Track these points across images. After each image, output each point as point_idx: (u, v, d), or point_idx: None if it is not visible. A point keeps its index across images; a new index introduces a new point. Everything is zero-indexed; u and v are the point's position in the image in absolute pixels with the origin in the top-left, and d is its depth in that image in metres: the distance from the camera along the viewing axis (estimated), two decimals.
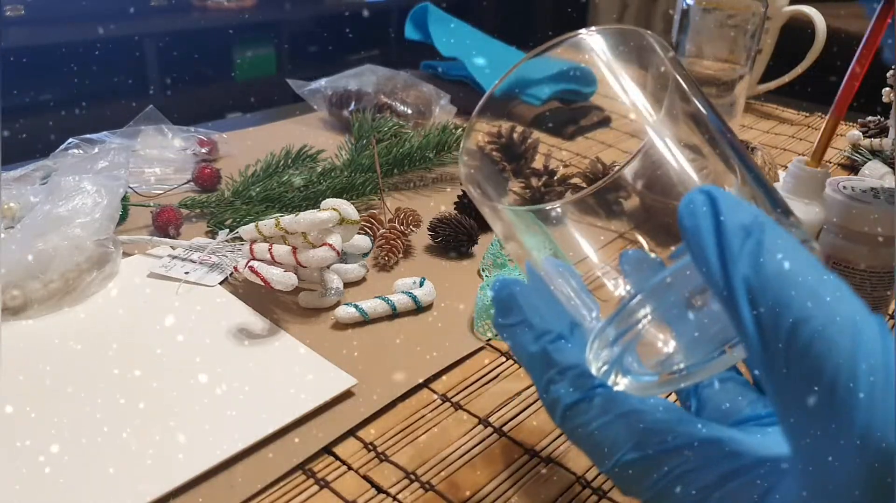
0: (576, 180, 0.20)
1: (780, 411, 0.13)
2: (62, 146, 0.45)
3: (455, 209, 0.42)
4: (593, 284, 0.17)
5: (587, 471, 0.26)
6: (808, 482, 0.13)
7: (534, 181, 0.20)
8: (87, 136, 0.46)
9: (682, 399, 0.20)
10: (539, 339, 0.18)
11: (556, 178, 0.21)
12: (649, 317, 0.16)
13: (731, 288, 0.13)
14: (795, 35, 0.63)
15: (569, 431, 0.17)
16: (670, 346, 0.18)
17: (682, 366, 0.17)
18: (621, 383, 0.17)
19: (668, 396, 0.18)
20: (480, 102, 0.19)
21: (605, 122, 0.62)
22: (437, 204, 0.45)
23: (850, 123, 0.63)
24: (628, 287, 0.17)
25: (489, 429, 0.28)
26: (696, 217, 0.14)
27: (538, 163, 0.20)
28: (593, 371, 0.17)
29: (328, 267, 0.34)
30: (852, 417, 0.12)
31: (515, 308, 0.18)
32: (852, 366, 0.12)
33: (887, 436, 0.11)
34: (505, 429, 0.28)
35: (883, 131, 0.56)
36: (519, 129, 0.21)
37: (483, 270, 0.38)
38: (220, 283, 0.36)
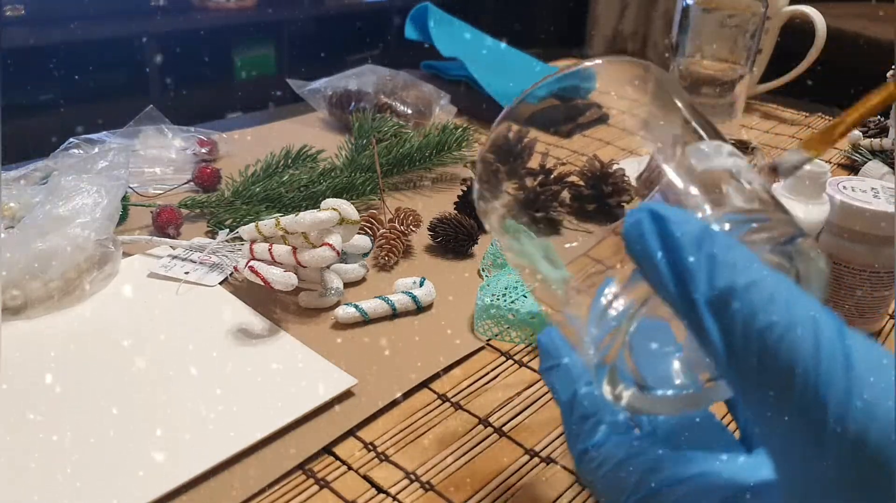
0: (573, 178, 0.20)
1: (759, 421, 0.14)
2: (62, 146, 0.45)
3: (455, 209, 0.42)
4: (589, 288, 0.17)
5: None
6: (793, 489, 0.13)
7: (529, 181, 0.20)
8: (88, 136, 0.46)
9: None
10: (567, 388, 0.19)
11: (552, 176, 0.21)
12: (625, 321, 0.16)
13: (693, 306, 0.13)
14: (795, 35, 0.63)
15: (583, 477, 0.18)
16: (674, 365, 0.18)
17: (684, 382, 0.18)
18: (625, 397, 0.17)
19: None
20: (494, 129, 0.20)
21: (602, 118, 0.62)
22: (437, 204, 0.45)
23: None
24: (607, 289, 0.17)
25: (489, 429, 0.28)
26: (644, 239, 0.14)
27: (534, 162, 0.20)
28: (597, 386, 0.17)
29: (328, 267, 0.34)
30: (825, 414, 0.12)
31: (553, 353, 0.19)
32: (817, 365, 0.12)
33: (862, 425, 0.12)
34: (505, 429, 0.28)
35: (883, 131, 0.56)
36: (515, 128, 0.21)
37: (483, 270, 0.38)
38: (220, 283, 0.36)
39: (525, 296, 0.34)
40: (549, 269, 0.18)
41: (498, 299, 0.33)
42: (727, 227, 0.15)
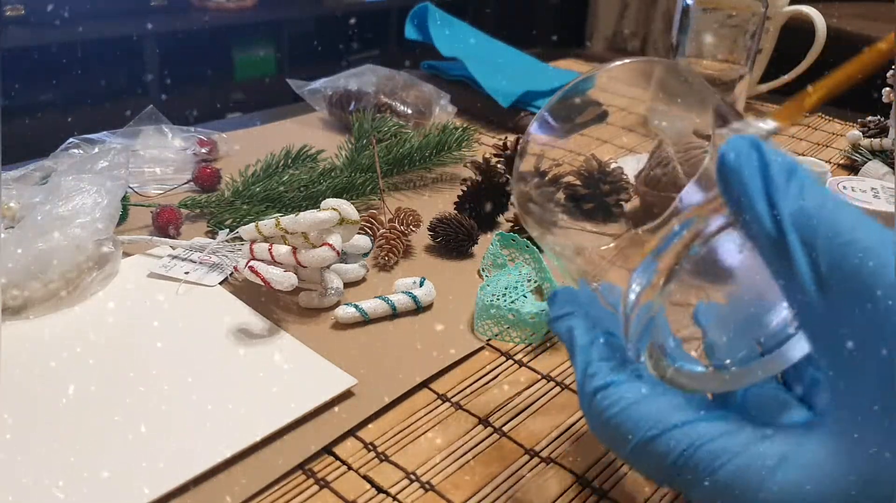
0: (569, 178, 0.20)
1: (828, 339, 0.14)
2: (62, 146, 0.45)
3: (455, 209, 0.42)
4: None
5: (587, 471, 0.26)
6: (848, 423, 0.14)
7: (521, 185, 0.20)
8: (87, 135, 0.46)
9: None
10: (589, 330, 0.19)
11: (546, 178, 0.21)
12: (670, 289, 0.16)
13: (780, 224, 0.14)
14: (795, 35, 0.63)
15: (597, 414, 0.18)
16: (716, 338, 0.18)
17: (726, 361, 0.18)
18: (669, 371, 0.17)
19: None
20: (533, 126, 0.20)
21: (602, 116, 0.62)
22: (437, 204, 0.45)
23: (850, 123, 0.63)
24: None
25: (489, 429, 0.28)
26: (740, 157, 0.15)
27: (529, 164, 0.20)
28: (631, 353, 0.17)
29: (328, 267, 0.34)
30: None
31: (571, 302, 0.20)
32: None
33: None
34: (505, 429, 0.28)
35: (883, 131, 0.56)
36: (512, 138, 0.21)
37: (483, 270, 0.38)
38: (220, 283, 0.36)
39: (525, 296, 0.34)
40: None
41: (498, 299, 0.33)
42: None
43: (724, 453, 0.15)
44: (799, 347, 0.17)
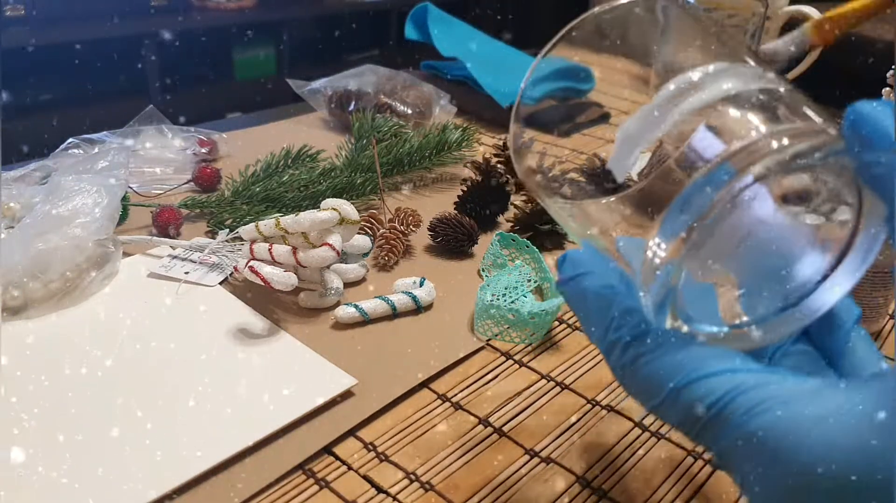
0: (572, 175, 0.20)
1: None
2: (62, 146, 0.45)
3: (455, 209, 0.42)
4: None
5: (587, 471, 0.26)
6: None
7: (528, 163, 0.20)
8: (87, 135, 0.46)
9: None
10: (605, 285, 0.18)
11: (549, 175, 0.21)
12: (693, 242, 0.15)
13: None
14: None
15: (627, 366, 0.17)
16: (737, 297, 0.17)
17: (745, 318, 0.17)
18: (684, 331, 0.17)
19: None
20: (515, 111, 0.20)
21: (603, 117, 0.61)
22: (437, 204, 0.45)
23: None
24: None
25: (489, 429, 0.28)
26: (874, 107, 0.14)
27: (532, 161, 0.20)
28: (649, 316, 0.17)
29: (328, 267, 0.34)
30: None
31: (581, 263, 0.19)
32: None
33: None
34: (505, 429, 0.28)
35: None
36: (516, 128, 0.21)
37: (483, 270, 0.38)
38: (220, 283, 0.36)
39: (525, 296, 0.34)
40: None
41: (498, 299, 0.33)
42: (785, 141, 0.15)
43: (762, 402, 0.14)
44: (827, 297, 0.17)
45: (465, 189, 0.43)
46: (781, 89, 0.17)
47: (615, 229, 0.17)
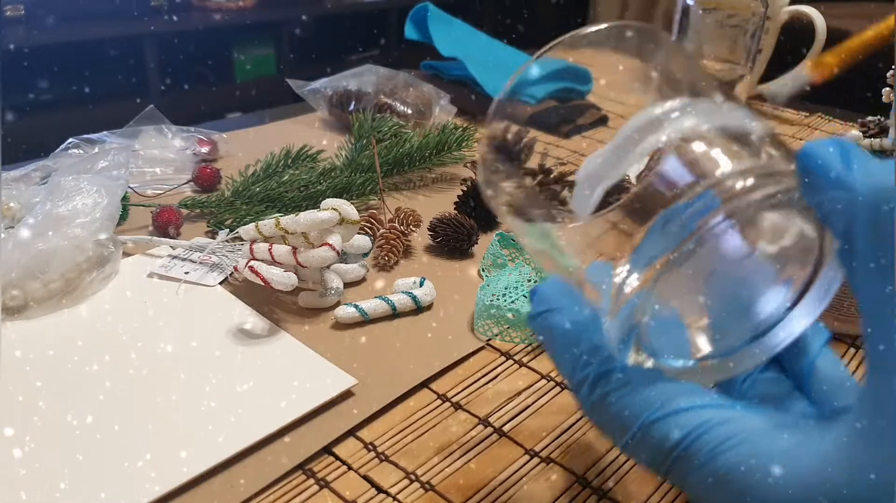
0: (572, 178, 0.20)
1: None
2: (62, 146, 0.45)
3: (455, 209, 0.42)
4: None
5: (587, 471, 0.26)
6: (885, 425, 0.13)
7: (528, 181, 0.20)
8: (87, 135, 0.46)
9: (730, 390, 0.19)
10: (573, 322, 0.18)
11: (552, 176, 0.21)
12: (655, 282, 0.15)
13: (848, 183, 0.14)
14: (796, 35, 0.63)
15: (595, 404, 0.17)
16: (702, 330, 0.17)
17: (710, 351, 0.17)
18: (647, 364, 0.17)
19: None
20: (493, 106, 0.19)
21: (602, 120, 0.62)
22: (437, 204, 0.45)
23: (850, 123, 0.63)
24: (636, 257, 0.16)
25: (489, 429, 0.28)
26: (819, 147, 0.14)
27: (534, 162, 0.20)
28: (614, 350, 0.17)
29: (328, 267, 0.34)
30: None
31: (549, 299, 0.19)
32: None
33: None
34: (505, 429, 0.28)
35: (883, 131, 0.56)
36: (514, 128, 0.21)
37: (483, 270, 0.38)
38: (220, 283, 0.36)
39: (525, 296, 0.34)
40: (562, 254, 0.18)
41: (498, 299, 0.33)
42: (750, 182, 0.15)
43: (728, 439, 0.15)
44: (791, 329, 0.17)
45: (465, 189, 0.43)
46: (747, 126, 0.17)
47: (584, 257, 0.17)
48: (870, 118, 0.58)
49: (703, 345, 0.17)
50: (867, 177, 0.14)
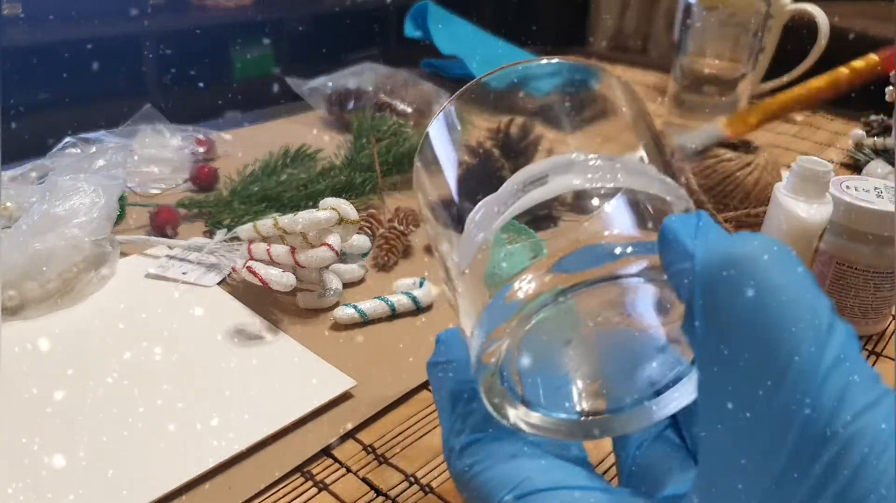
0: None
1: (713, 383, 0.13)
2: (59, 145, 0.45)
3: None
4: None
5: None
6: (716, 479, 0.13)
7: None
8: (85, 135, 0.46)
9: (620, 466, 0.19)
10: (461, 382, 0.17)
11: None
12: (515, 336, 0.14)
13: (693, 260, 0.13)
14: (798, 33, 0.63)
15: (458, 474, 0.17)
16: (589, 386, 0.17)
17: (592, 406, 0.16)
18: (530, 419, 0.16)
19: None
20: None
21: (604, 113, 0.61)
22: None
23: (854, 122, 0.62)
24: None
25: None
26: (679, 220, 0.14)
27: (538, 159, 0.20)
28: (486, 404, 0.16)
29: (327, 267, 0.34)
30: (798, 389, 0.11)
31: (446, 349, 0.18)
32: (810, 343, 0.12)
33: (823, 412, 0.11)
34: None
35: (886, 130, 0.56)
36: (519, 121, 0.20)
37: None
38: (218, 284, 0.35)
39: None
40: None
41: None
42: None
43: None
44: (679, 399, 0.16)
45: (461, 173, 0.42)
46: (625, 186, 0.16)
47: (474, 306, 0.16)
48: (873, 117, 0.58)
49: (590, 400, 0.17)
50: (706, 247, 0.13)
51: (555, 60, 0.19)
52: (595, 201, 0.16)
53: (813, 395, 0.11)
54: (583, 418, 0.17)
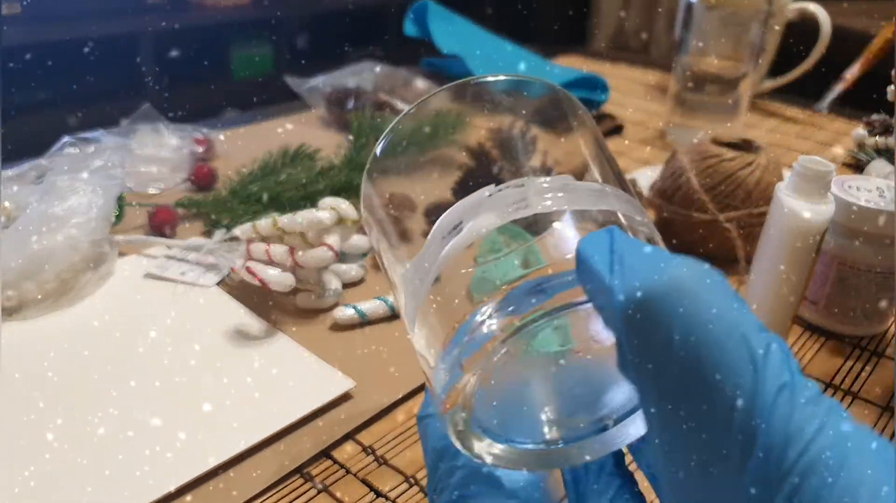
0: None
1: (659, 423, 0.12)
2: (57, 145, 0.44)
3: (452, 196, 0.42)
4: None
5: None
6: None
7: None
8: (83, 134, 0.46)
9: None
10: (438, 443, 0.17)
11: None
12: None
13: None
14: (800, 32, 0.63)
15: None
16: (550, 415, 0.16)
17: (555, 435, 0.16)
18: (493, 450, 0.16)
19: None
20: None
21: (616, 129, 0.61)
22: (434, 189, 0.44)
23: (855, 122, 0.62)
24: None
25: None
26: (592, 244, 0.13)
27: (537, 161, 0.20)
28: (450, 436, 0.16)
29: (326, 267, 0.34)
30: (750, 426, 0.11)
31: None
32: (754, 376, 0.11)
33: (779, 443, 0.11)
34: None
35: (888, 130, 0.55)
36: (519, 124, 0.20)
37: (480, 257, 0.38)
38: (217, 284, 0.35)
39: None
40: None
41: None
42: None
43: None
44: (638, 428, 0.16)
45: (461, 175, 0.42)
46: (541, 213, 0.15)
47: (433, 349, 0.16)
48: (875, 116, 0.58)
49: (552, 430, 0.17)
50: (623, 280, 0.12)
51: (501, 78, 0.18)
52: (544, 224, 0.15)
53: (762, 437, 0.11)
54: (546, 447, 0.16)
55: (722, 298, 0.12)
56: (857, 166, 0.55)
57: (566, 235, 0.15)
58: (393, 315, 0.34)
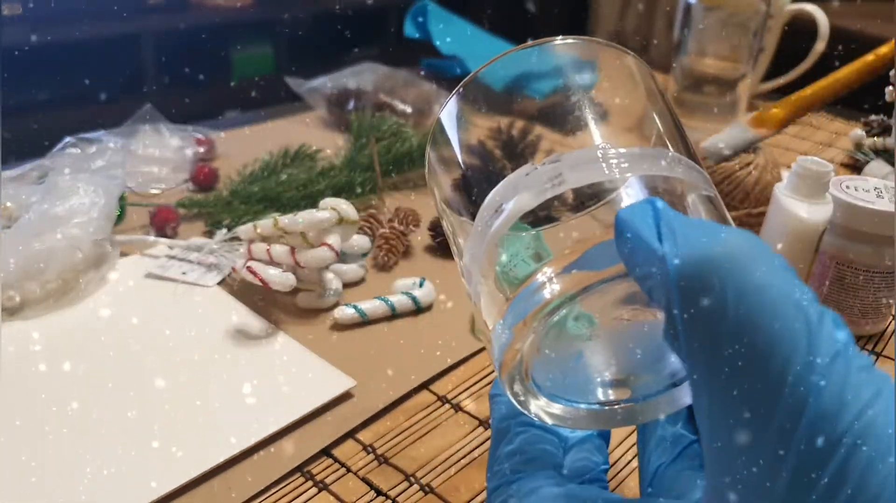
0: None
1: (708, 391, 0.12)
2: (59, 145, 0.45)
3: None
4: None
5: None
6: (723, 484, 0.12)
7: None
8: (84, 135, 0.46)
9: (641, 480, 0.18)
10: (500, 424, 0.18)
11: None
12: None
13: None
14: (798, 33, 0.63)
15: None
16: (612, 375, 0.17)
17: (615, 395, 0.16)
18: (551, 410, 0.16)
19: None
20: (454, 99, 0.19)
21: (602, 117, 0.61)
22: None
23: (854, 122, 0.62)
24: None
25: (489, 431, 0.27)
26: (635, 212, 0.13)
27: (538, 160, 0.20)
28: (508, 395, 0.16)
29: (327, 267, 0.34)
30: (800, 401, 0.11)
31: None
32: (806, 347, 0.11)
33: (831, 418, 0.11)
34: None
35: (886, 130, 0.56)
36: (519, 124, 0.20)
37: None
38: (218, 284, 0.35)
39: None
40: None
41: None
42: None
43: None
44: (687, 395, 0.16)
45: (463, 175, 0.42)
46: (581, 183, 0.15)
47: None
48: (873, 117, 0.58)
49: (612, 390, 0.17)
50: (678, 248, 0.12)
51: (558, 41, 0.18)
52: (603, 193, 0.15)
53: (814, 400, 0.11)
54: (606, 407, 0.17)
55: (777, 268, 0.12)
56: (855, 167, 0.55)
57: (625, 202, 0.15)
58: (393, 314, 0.34)
